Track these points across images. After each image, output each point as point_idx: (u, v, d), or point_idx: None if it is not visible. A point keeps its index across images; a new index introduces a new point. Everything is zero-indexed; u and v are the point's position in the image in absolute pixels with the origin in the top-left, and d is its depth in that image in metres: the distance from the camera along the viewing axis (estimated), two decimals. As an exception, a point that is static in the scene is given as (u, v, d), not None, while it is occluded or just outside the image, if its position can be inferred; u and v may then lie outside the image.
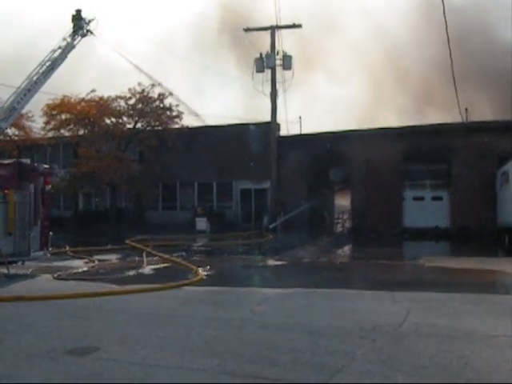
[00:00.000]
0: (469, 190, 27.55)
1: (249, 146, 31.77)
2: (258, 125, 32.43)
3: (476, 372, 5.23)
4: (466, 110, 31.05)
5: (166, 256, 17.04)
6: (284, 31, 31.76)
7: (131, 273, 13.99)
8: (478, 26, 46.14)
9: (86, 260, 16.87)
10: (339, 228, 34.48)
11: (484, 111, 40.06)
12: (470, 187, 27.54)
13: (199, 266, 13.84)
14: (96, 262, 16.12)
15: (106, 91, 33.22)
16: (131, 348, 6.24)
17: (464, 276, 13.54)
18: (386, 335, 6.65)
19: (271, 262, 17.32)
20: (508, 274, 13.88)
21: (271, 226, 28.73)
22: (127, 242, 21.77)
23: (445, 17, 16.13)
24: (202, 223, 30.52)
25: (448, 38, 17.83)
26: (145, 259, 16.47)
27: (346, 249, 24.91)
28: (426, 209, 29.31)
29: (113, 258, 18.20)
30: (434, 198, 29.85)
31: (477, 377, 5.10)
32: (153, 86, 33.23)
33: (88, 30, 28.34)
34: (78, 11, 28.15)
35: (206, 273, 13.32)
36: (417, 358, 5.66)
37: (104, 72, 49.58)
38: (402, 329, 6.99)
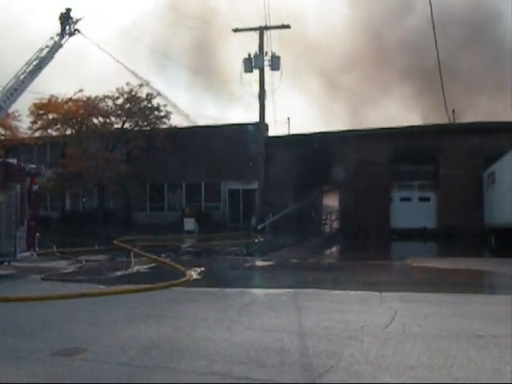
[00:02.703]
0: (456, 191, 27.75)
1: (237, 146, 31.77)
2: (247, 125, 32.43)
3: (463, 372, 5.26)
4: (453, 111, 31.28)
5: (154, 257, 16.99)
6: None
7: (119, 273, 13.92)
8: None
9: (73, 261, 16.77)
10: (327, 229, 34.57)
11: (471, 112, 40.41)
12: (458, 188, 27.74)
13: (187, 267, 13.81)
14: (83, 263, 16.03)
15: (96, 91, 33.00)
16: (119, 349, 6.21)
17: (451, 276, 13.63)
18: (373, 335, 6.67)
19: (259, 263, 17.31)
20: (494, 274, 13.99)
21: (259, 227, 28.75)
22: (115, 242, 21.67)
23: (432, 20, 16.22)
24: (189, 224, 30.48)
25: (435, 41, 17.93)
26: (132, 260, 16.40)
27: (334, 249, 25.00)
28: (413, 209, 29.47)
29: (100, 258, 18.12)
30: (422, 199, 30.03)
31: (464, 376, 5.13)
32: (141, 85, 33.18)
33: (76, 30, 28.17)
34: (67, 10, 27.98)
35: (193, 273, 13.30)
36: (404, 358, 5.68)
37: (93, 71, 49.37)
38: (389, 329, 7.02)
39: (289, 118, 37.99)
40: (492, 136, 27.02)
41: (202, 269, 14.48)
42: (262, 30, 31.27)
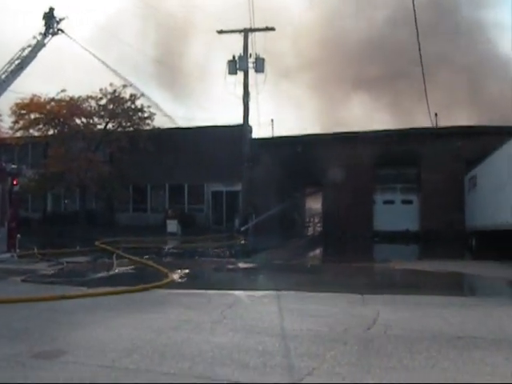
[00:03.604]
0: (438, 194, 27.97)
1: (221, 148, 31.73)
2: (231, 127, 32.41)
3: (444, 373, 5.30)
4: (436, 114, 31.51)
5: (137, 258, 16.89)
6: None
7: (100, 275, 13.82)
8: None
9: (54, 262, 16.60)
10: (310, 231, 34.67)
11: (453, 116, 40.82)
12: (440, 191, 27.97)
13: (170, 269, 13.76)
14: (64, 265, 15.88)
15: (79, 92, 32.81)
16: (100, 351, 6.16)
17: (433, 278, 13.75)
18: (356, 337, 6.69)
19: (242, 265, 17.30)
20: (474, 277, 14.14)
21: (242, 229, 28.71)
22: (97, 244, 21.51)
23: (416, 25, 16.33)
24: (172, 225, 30.38)
25: (419, 46, 18.07)
26: (115, 261, 16.29)
27: (317, 251, 25.07)
28: (396, 212, 29.66)
29: (82, 260, 17.94)
30: (404, 202, 30.24)
31: (444, 377, 5.17)
32: (124, 86, 33.04)
33: (59, 29, 27.98)
34: (51, 9, 27.78)
35: (176, 275, 13.25)
36: (386, 360, 5.71)
37: (76, 72, 49.00)
38: (371, 331, 7.05)
39: (272, 120, 37.90)
40: (473, 140, 27.28)
41: (185, 271, 14.44)
42: (246, 32, 31.25)
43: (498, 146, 19.79)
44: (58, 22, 28.01)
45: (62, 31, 28.19)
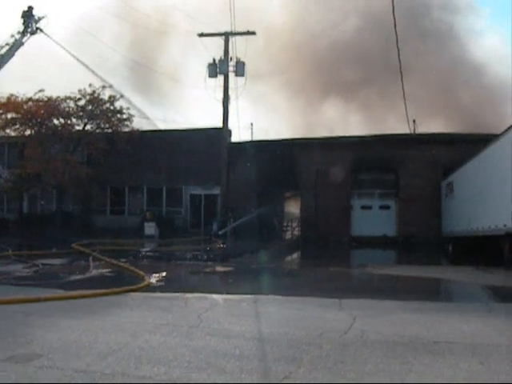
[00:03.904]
0: (415, 200, 28.24)
1: (200, 151, 31.68)
2: (210, 130, 32.38)
3: (419, 378, 5.34)
4: (414, 121, 31.87)
5: (114, 261, 16.76)
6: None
7: (76, 278, 13.70)
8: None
9: (29, 264, 16.40)
10: (288, 235, 34.71)
11: (429, 123, 41.29)
12: (417, 197, 28.24)
13: (147, 272, 13.67)
14: (40, 267, 15.70)
15: (57, 92, 32.47)
16: (75, 355, 6.09)
17: (409, 283, 13.86)
18: (332, 342, 6.71)
19: (220, 268, 17.27)
20: (451, 282, 14.30)
21: (221, 233, 28.66)
22: (73, 246, 21.30)
23: (396, 31, 16.48)
24: (150, 228, 30.22)
25: (398, 52, 18.23)
26: (91, 264, 16.15)
27: (295, 256, 25.11)
28: (373, 217, 29.86)
29: (58, 262, 17.75)
30: (382, 207, 30.45)
31: (420, 382, 5.21)
32: (103, 87, 32.78)
33: (38, 28, 27.69)
34: (30, 8, 27.48)
35: (153, 278, 13.17)
36: (362, 365, 5.73)
37: (55, 71, 48.45)
38: (348, 335, 7.08)
39: (252, 124, 38.07)
40: (451, 147, 27.61)
41: (162, 274, 14.36)
42: (227, 35, 31.27)
43: (475, 153, 20.08)
44: (36, 21, 27.72)
45: (41, 30, 27.90)
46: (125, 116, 33.61)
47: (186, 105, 74.58)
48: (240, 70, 31.18)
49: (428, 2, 50.11)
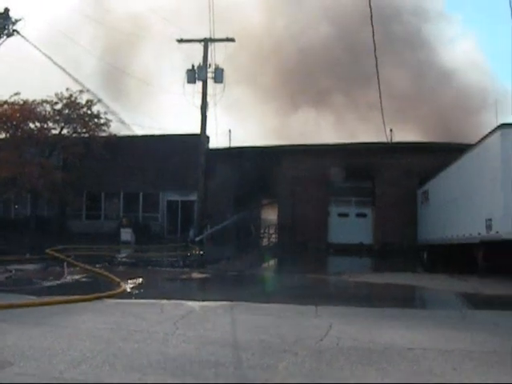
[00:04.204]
0: (392, 208, 28.50)
1: (177, 157, 31.58)
2: (188, 136, 32.30)
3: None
4: (391, 130, 32.18)
5: (89, 267, 16.59)
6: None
7: (50, 284, 13.52)
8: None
9: (2, 270, 16.14)
10: (265, 242, 34.72)
11: (406, 132, 41.69)
12: (393, 205, 28.50)
13: (122, 278, 13.55)
14: (13, 272, 15.47)
15: (34, 95, 32.12)
16: (48, 362, 5.99)
17: (385, 290, 13.97)
18: (308, 349, 6.71)
19: (196, 275, 17.20)
20: (425, 289, 14.43)
21: (197, 239, 28.56)
22: (48, 251, 21.04)
23: (374, 42, 16.69)
24: (126, 234, 30.01)
25: (376, 61, 18.44)
26: (66, 270, 15.97)
27: (272, 263, 25.11)
28: (350, 225, 30.08)
29: (32, 268, 17.51)
30: (359, 215, 30.68)
31: (395, 389, 5.25)
32: (81, 91, 32.51)
33: (15, 30, 27.36)
34: (6, 10, 27.14)
35: (129, 285, 13.06)
36: (338, 371, 5.75)
37: (31, 74, 47.89)
38: (324, 342, 7.08)
39: (230, 131, 38.02)
40: (426, 156, 27.95)
41: (138, 280, 14.25)
42: (206, 41, 31.27)
43: (450, 162, 20.35)
44: (13, 23, 27.39)
45: (18, 32, 27.57)
46: (102, 121, 33.39)
47: (163, 111, 74.05)
48: (219, 76, 31.19)
49: (400, 9, 50.67)
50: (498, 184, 14.97)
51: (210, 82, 31.34)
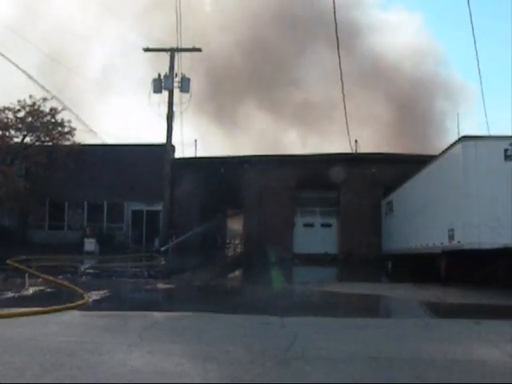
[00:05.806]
0: (356, 218, 28.79)
1: (142, 167, 31.37)
2: (153, 146, 32.13)
3: (359, 394, 5.40)
4: (356, 141, 32.58)
5: (51, 278, 16.27)
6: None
7: (11, 295, 13.20)
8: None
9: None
10: (231, 252, 34.68)
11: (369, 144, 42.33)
12: (358, 215, 28.79)
13: (86, 289, 13.33)
14: (-29, 284, 15.08)
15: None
16: (8, 377, 5.82)
17: (350, 300, 14.06)
18: (274, 359, 6.70)
19: (161, 286, 17.04)
20: (390, 299, 14.58)
21: (163, 249, 28.36)
22: (8, 262, 20.57)
23: (338, 53, 16.91)
24: (90, 244, 29.61)
25: (341, 74, 18.68)
26: (27, 281, 15.63)
27: (237, 273, 25.08)
28: (315, 235, 30.24)
29: (-9, 279, 17.10)
30: (324, 225, 30.88)
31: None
32: (45, 99, 32.01)
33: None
34: None
35: (92, 296, 12.85)
36: (304, 381, 5.74)
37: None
38: (289, 353, 7.08)
39: (196, 141, 37.96)
40: (391, 166, 28.37)
41: (102, 291, 14.03)
42: (173, 51, 31.25)
43: (414, 173, 20.67)
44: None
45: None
46: (66, 129, 32.92)
47: (129, 120, 73.68)
48: (185, 86, 31.20)
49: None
50: (460, 195, 15.26)
51: (176, 91, 31.34)
